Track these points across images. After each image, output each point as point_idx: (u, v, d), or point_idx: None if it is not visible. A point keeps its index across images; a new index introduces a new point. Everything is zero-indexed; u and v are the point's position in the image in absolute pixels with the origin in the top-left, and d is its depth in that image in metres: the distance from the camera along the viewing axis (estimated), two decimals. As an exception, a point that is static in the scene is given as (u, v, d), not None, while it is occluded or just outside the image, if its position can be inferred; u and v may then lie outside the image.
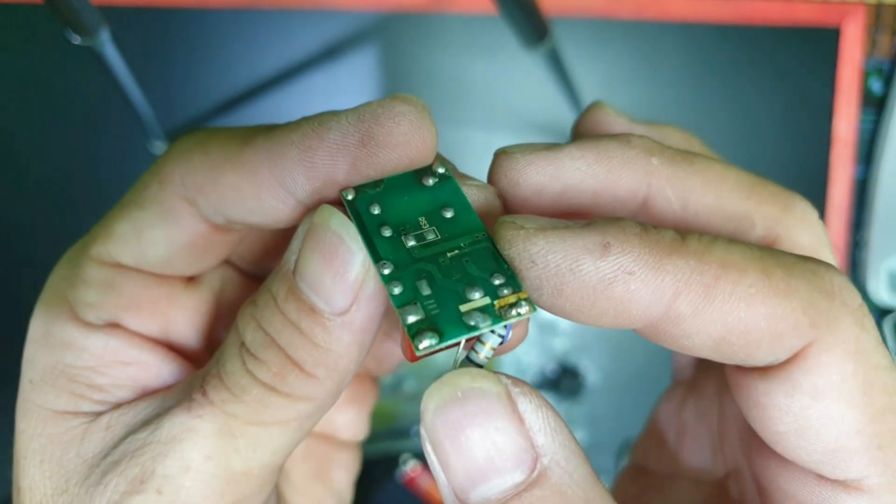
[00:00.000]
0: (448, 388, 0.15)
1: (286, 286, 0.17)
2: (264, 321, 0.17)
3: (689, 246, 0.15)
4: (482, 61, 0.47)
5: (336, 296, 0.16)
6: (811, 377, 0.15)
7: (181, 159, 0.18)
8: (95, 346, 0.18)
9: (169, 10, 0.45)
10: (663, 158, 0.18)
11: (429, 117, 0.16)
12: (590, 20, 0.46)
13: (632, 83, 0.47)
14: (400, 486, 0.49)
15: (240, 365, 0.17)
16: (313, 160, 0.16)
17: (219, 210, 0.18)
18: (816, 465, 0.16)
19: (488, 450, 0.14)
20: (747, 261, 0.15)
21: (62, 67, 0.46)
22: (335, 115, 0.16)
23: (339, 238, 0.16)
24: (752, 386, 0.16)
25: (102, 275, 0.19)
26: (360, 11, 0.46)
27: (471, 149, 0.47)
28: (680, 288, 0.15)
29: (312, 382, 0.17)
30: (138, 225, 0.18)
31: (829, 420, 0.15)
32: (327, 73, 0.46)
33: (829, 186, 0.48)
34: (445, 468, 0.15)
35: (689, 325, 0.15)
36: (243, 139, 0.17)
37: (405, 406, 0.48)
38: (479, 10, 0.46)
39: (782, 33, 0.47)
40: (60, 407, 0.18)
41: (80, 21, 0.35)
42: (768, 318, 0.15)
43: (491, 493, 0.14)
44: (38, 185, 0.46)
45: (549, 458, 0.14)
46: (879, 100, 0.48)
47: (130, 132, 0.46)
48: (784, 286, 0.15)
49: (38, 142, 0.46)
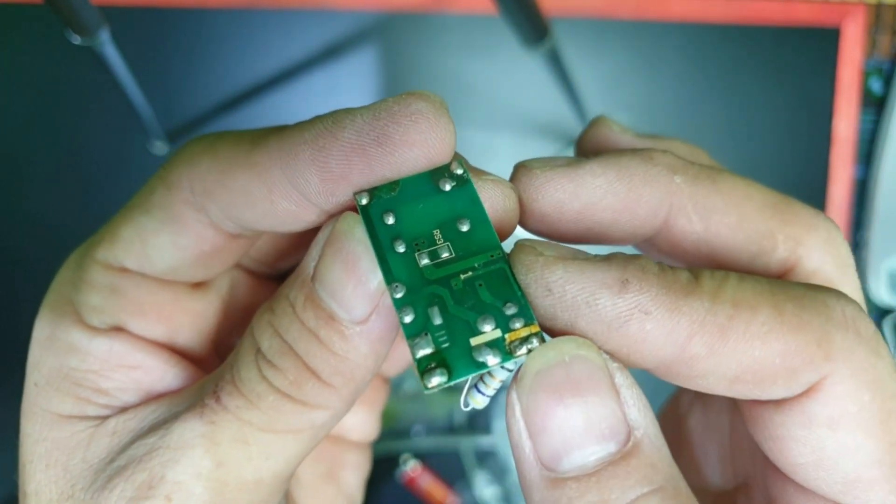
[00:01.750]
0: (554, 353, 0.15)
1: (304, 293, 0.16)
2: (282, 328, 0.16)
3: (703, 286, 0.15)
4: (482, 61, 0.47)
5: (356, 304, 0.16)
6: (827, 409, 0.15)
7: (189, 164, 0.18)
8: (100, 349, 0.18)
9: (169, 10, 0.45)
10: (687, 176, 0.18)
11: (447, 114, 0.16)
12: (590, 20, 0.46)
13: (632, 83, 0.47)
14: (400, 486, 0.49)
15: (256, 372, 0.16)
16: (327, 160, 0.16)
17: (229, 215, 0.18)
18: (836, 496, 0.16)
19: (589, 416, 0.14)
20: (759, 297, 0.15)
21: (62, 67, 0.46)
22: (350, 113, 0.16)
23: (365, 246, 0.16)
24: (767, 419, 0.16)
25: (107, 279, 0.18)
26: (360, 11, 0.46)
27: (471, 149, 0.47)
28: (695, 329, 0.15)
29: (329, 391, 0.16)
30: (143, 231, 0.18)
31: (846, 451, 0.15)
32: (327, 73, 0.46)
33: (829, 186, 0.48)
34: (538, 434, 0.14)
35: (703, 366, 0.15)
36: (253, 141, 0.17)
37: (405, 406, 0.49)
38: (479, 10, 0.46)
39: (782, 33, 0.47)
40: (66, 411, 0.18)
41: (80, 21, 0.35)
42: (783, 355, 0.15)
43: (587, 460, 0.14)
44: (37, 184, 0.46)
45: (641, 431, 0.14)
46: (879, 100, 0.48)
47: (130, 132, 0.46)
48: (797, 321, 0.15)
49: (37, 141, 0.46)
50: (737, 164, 0.47)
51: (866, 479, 0.15)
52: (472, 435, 0.49)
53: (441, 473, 0.49)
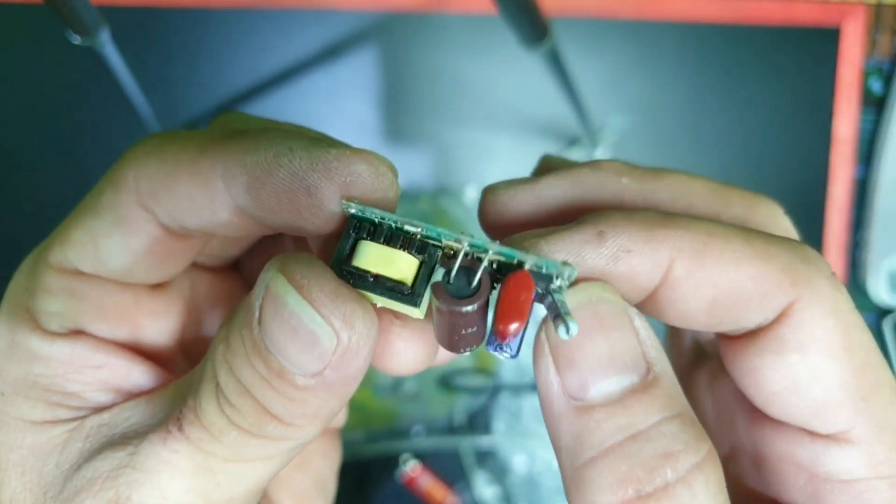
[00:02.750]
0: (584, 294, 0.16)
1: (252, 340, 0.16)
2: (236, 368, 0.16)
3: (676, 220, 0.17)
4: (482, 61, 0.47)
5: (305, 363, 0.15)
6: (796, 333, 0.17)
7: (136, 164, 0.17)
8: (62, 353, 0.18)
9: (169, 10, 0.45)
10: (632, 177, 0.19)
11: (388, 180, 0.16)
12: (590, 20, 0.46)
13: (632, 83, 0.47)
14: (400, 486, 0.49)
15: (215, 406, 0.16)
16: (259, 193, 0.16)
17: (174, 218, 0.17)
18: (807, 421, 0.17)
19: (613, 349, 0.16)
20: (730, 231, 0.17)
21: (62, 67, 0.46)
22: (290, 152, 0.16)
23: (298, 319, 0.15)
24: (744, 351, 0.18)
25: (62, 283, 0.18)
26: (360, 11, 0.46)
27: (471, 149, 0.47)
28: (674, 254, 0.16)
29: (293, 429, 0.16)
30: (94, 233, 0.18)
31: (815, 375, 0.17)
32: (327, 73, 0.46)
33: (829, 186, 0.48)
34: (566, 367, 0.16)
35: (684, 288, 0.17)
36: (200, 147, 0.17)
37: (405, 406, 0.49)
38: (479, 10, 0.46)
39: (782, 33, 0.47)
40: (38, 417, 0.18)
41: (80, 21, 0.35)
42: (754, 279, 0.16)
43: (613, 388, 0.16)
44: (37, 184, 0.46)
45: (659, 367, 0.16)
46: (879, 100, 0.48)
47: (130, 132, 0.46)
48: (765, 252, 0.17)
49: (37, 141, 0.46)
50: (737, 164, 0.47)
51: (833, 401, 0.17)
52: (472, 435, 0.49)
53: (441, 473, 0.49)
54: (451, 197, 0.48)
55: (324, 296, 0.15)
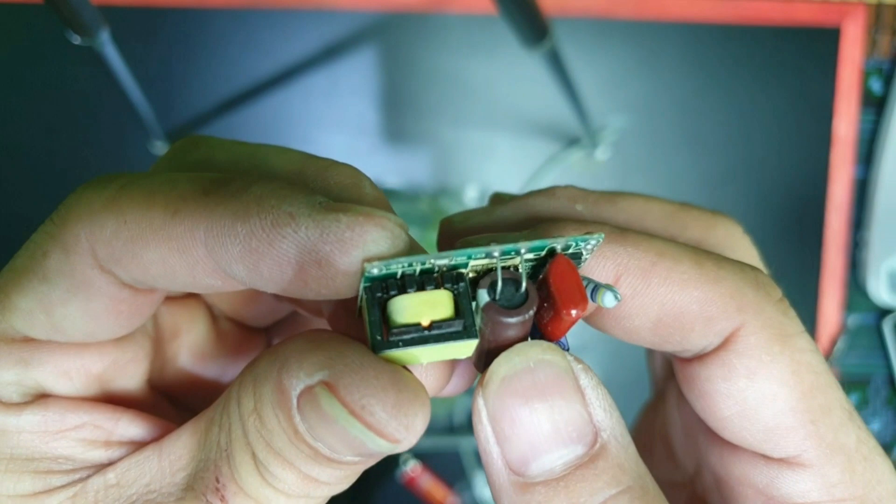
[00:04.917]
0: (520, 358, 0.15)
1: (292, 428, 0.14)
2: (276, 447, 0.15)
3: (627, 237, 0.17)
4: (482, 61, 0.47)
5: (343, 450, 0.14)
6: (743, 359, 0.16)
7: (88, 224, 0.15)
8: (31, 423, 0.16)
9: (169, 10, 0.45)
10: (587, 203, 0.19)
11: (402, 242, 0.14)
12: (590, 20, 0.46)
13: (632, 83, 0.47)
14: (400, 486, 0.49)
15: (258, 478, 0.15)
16: (258, 265, 0.14)
17: (142, 281, 0.16)
18: (760, 445, 0.17)
19: (555, 420, 0.15)
20: (682, 252, 0.17)
21: (62, 67, 0.46)
22: (293, 220, 0.14)
23: (356, 438, 0.14)
24: (694, 374, 0.17)
25: (14, 353, 0.16)
26: (360, 11, 0.46)
27: (471, 149, 0.47)
28: (620, 270, 0.16)
29: (336, 487, 0.16)
30: (46, 302, 0.16)
31: (764, 400, 0.17)
32: (327, 73, 0.46)
33: (829, 186, 0.48)
34: (505, 439, 0.15)
35: (629, 305, 0.16)
36: (168, 207, 0.15)
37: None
38: (479, 10, 0.46)
39: (782, 33, 0.47)
40: (26, 490, 0.16)
41: (80, 21, 0.35)
42: (700, 302, 0.16)
43: (554, 463, 0.15)
44: (37, 184, 0.46)
45: (607, 433, 0.15)
46: (879, 100, 0.48)
47: (130, 132, 0.46)
48: (714, 274, 0.16)
49: (37, 141, 0.46)
50: (737, 164, 0.47)
51: (783, 426, 0.17)
52: (472, 435, 0.49)
53: (441, 473, 0.49)
54: (451, 197, 0.48)
55: (386, 415, 0.14)
